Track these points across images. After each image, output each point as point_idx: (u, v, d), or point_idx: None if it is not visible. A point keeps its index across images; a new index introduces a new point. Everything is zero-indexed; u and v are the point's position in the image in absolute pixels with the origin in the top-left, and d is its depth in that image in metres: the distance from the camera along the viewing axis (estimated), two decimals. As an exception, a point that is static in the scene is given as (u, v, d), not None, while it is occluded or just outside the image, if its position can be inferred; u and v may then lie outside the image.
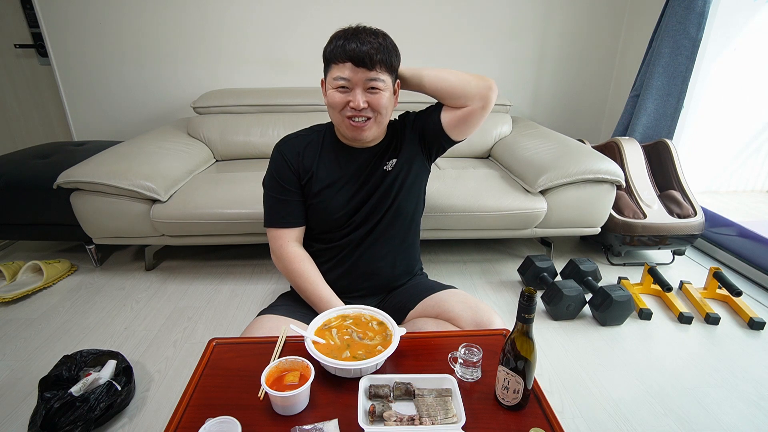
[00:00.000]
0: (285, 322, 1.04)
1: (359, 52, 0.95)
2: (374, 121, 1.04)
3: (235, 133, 2.33)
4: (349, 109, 1.01)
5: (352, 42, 0.96)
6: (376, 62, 0.97)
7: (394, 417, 0.73)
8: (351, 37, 0.97)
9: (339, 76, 0.98)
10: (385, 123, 1.09)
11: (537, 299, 0.78)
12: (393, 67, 1.02)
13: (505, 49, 2.75)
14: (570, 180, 1.86)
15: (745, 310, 1.72)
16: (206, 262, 2.13)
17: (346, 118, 1.02)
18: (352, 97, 0.99)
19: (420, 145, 1.17)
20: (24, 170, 1.96)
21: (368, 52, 0.95)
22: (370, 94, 1.00)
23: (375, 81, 0.98)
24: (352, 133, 1.05)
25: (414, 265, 1.28)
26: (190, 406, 0.78)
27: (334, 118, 1.07)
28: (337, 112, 1.03)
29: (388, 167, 1.13)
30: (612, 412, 1.28)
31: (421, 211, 1.26)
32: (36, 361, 1.47)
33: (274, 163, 1.14)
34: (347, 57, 0.96)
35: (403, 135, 1.16)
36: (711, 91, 2.39)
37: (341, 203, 1.12)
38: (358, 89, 0.99)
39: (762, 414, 1.28)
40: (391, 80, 1.04)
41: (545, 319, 1.72)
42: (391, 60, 1.00)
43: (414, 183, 1.17)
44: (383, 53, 0.97)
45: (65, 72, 2.63)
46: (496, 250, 2.27)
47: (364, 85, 0.99)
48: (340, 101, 1.00)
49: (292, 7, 2.55)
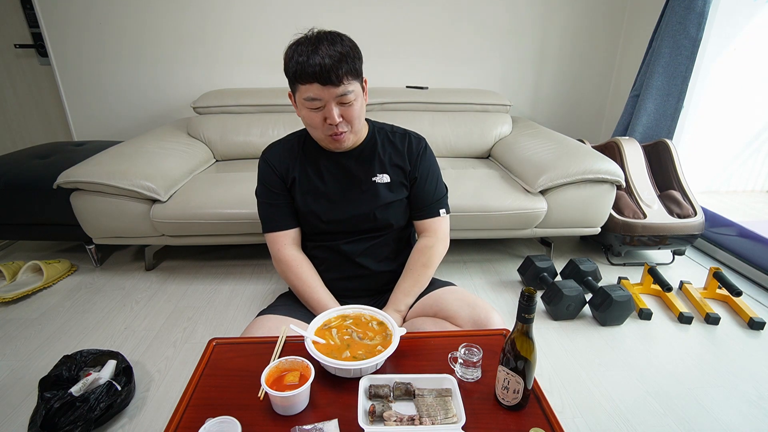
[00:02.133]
0: (285, 322, 1.04)
1: (323, 71, 0.92)
2: (350, 132, 1.04)
3: (235, 133, 2.33)
4: (328, 127, 1.01)
5: (313, 57, 0.92)
6: (343, 75, 0.94)
7: (394, 417, 0.73)
8: (311, 52, 0.93)
9: (310, 97, 0.96)
10: (360, 130, 1.09)
11: (537, 299, 0.78)
12: (359, 73, 1.00)
13: (505, 49, 2.75)
14: (570, 180, 1.86)
15: (745, 310, 1.72)
16: (206, 262, 2.13)
17: (327, 135, 1.03)
18: (326, 113, 0.98)
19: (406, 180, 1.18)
20: (24, 170, 1.96)
21: (333, 68, 0.92)
22: (343, 106, 0.99)
23: (345, 96, 0.97)
24: (333, 146, 1.07)
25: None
26: (190, 406, 0.78)
27: (314, 135, 1.07)
28: (318, 131, 1.03)
29: (378, 179, 1.13)
30: (612, 412, 1.28)
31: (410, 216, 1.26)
32: (36, 361, 1.47)
33: (260, 171, 1.16)
34: (313, 78, 0.93)
35: (403, 158, 1.15)
36: (711, 91, 2.39)
37: (325, 209, 1.12)
38: (331, 104, 0.97)
39: (762, 414, 1.28)
40: (359, 84, 1.01)
41: (545, 319, 1.72)
42: (355, 66, 0.98)
43: (403, 200, 1.17)
44: (347, 62, 0.94)
45: (65, 72, 2.63)
46: (496, 250, 2.27)
47: (335, 100, 0.97)
48: (318, 121, 1.00)
49: (292, 7, 2.55)
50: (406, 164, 1.15)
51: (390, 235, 1.18)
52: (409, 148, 1.16)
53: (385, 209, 1.13)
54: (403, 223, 1.20)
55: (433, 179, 1.18)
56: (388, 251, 1.19)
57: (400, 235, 1.21)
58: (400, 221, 1.18)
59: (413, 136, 1.19)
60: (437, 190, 1.18)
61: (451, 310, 1.07)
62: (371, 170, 1.13)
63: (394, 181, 1.14)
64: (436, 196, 1.18)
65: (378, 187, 1.13)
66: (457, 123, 2.43)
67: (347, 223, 1.13)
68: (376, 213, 1.12)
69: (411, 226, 1.25)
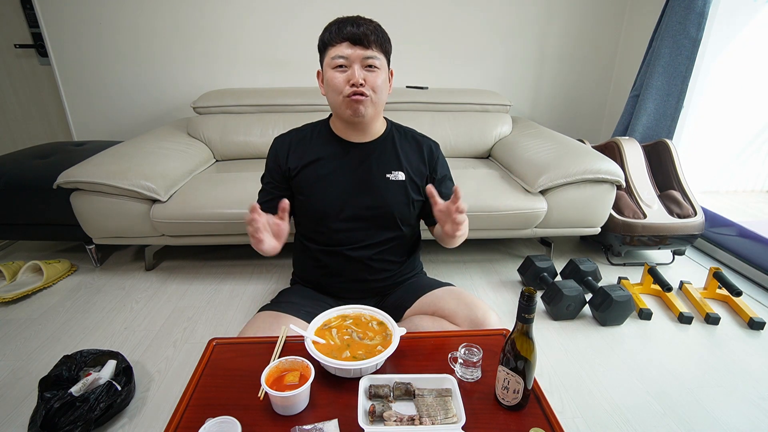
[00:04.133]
0: (286, 318, 1.04)
1: (356, 32, 1.00)
2: (371, 100, 1.04)
3: (235, 133, 2.33)
4: (349, 87, 1.02)
5: (347, 25, 1.01)
6: (372, 42, 1.01)
7: (394, 417, 0.73)
8: (346, 21, 1.02)
9: (337, 55, 1.01)
10: (380, 104, 1.09)
11: (537, 299, 0.78)
12: (387, 51, 1.06)
13: (505, 49, 2.75)
14: (570, 180, 1.86)
15: (745, 310, 1.72)
16: (206, 262, 2.13)
17: (346, 96, 1.03)
18: (350, 75, 1.01)
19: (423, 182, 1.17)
20: (24, 170, 1.96)
21: (364, 32, 1.00)
22: (368, 71, 1.02)
23: (372, 59, 1.02)
24: (351, 109, 1.04)
25: (413, 266, 1.29)
26: (190, 406, 0.78)
27: (333, 101, 1.07)
28: (338, 93, 1.03)
29: (392, 176, 1.13)
30: (612, 412, 1.28)
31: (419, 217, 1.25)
32: (36, 361, 1.47)
33: (268, 156, 1.18)
34: (344, 37, 1.00)
35: (423, 160, 1.16)
36: (711, 91, 2.39)
37: (334, 196, 1.11)
38: (356, 65, 1.01)
39: (762, 414, 1.28)
40: (386, 63, 1.07)
41: (545, 319, 1.72)
42: (385, 44, 1.05)
43: (413, 201, 1.16)
44: (377, 35, 1.02)
45: (65, 72, 2.63)
46: (496, 250, 2.27)
47: (361, 62, 1.01)
48: (341, 80, 1.02)
49: (292, 7, 2.55)
50: (424, 167, 1.16)
51: (397, 240, 1.17)
52: (428, 152, 1.18)
53: (395, 207, 1.13)
54: (412, 228, 1.20)
55: (449, 183, 1.20)
56: (394, 257, 1.19)
57: (406, 242, 1.21)
58: (409, 221, 1.18)
59: (431, 141, 1.22)
60: (452, 189, 1.17)
61: (449, 309, 1.07)
62: (386, 166, 1.13)
63: (409, 180, 1.14)
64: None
65: (391, 184, 1.12)
66: (457, 123, 2.43)
67: (354, 218, 1.12)
68: (385, 209, 1.12)
69: (418, 231, 1.25)
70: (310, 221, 1.16)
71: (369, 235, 1.14)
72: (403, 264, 1.22)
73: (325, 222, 1.13)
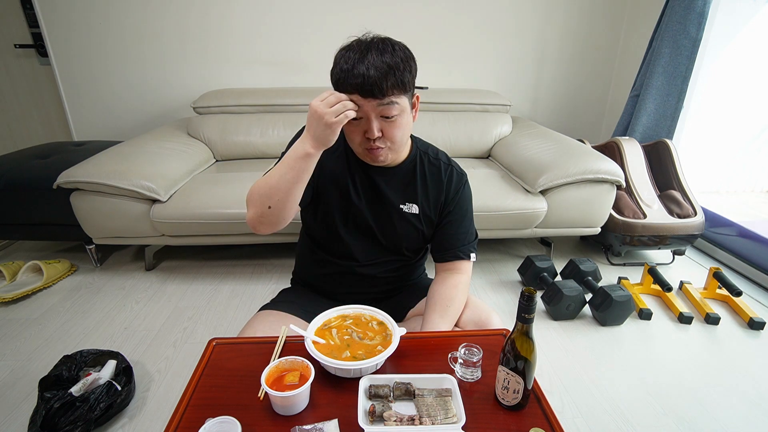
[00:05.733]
0: (286, 318, 1.04)
1: (366, 83, 0.85)
2: (388, 150, 0.97)
3: (235, 133, 2.33)
4: (365, 140, 0.94)
5: (358, 67, 0.86)
6: (387, 89, 0.87)
7: (394, 417, 0.73)
8: (357, 61, 0.86)
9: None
10: (401, 149, 1.02)
11: (537, 299, 0.78)
12: (407, 86, 0.92)
13: (505, 49, 2.75)
14: (570, 180, 1.85)
15: (745, 310, 1.72)
16: (206, 262, 2.13)
17: (364, 149, 0.96)
18: (366, 126, 0.92)
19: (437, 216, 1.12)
20: (24, 170, 1.96)
21: (376, 80, 0.85)
22: (385, 121, 0.92)
23: (388, 107, 0.89)
24: (369, 158, 1.00)
25: (417, 272, 1.29)
26: (190, 406, 0.78)
27: (351, 145, 1.01)
28: (355, 144, 0.97)
29: (406, 208, 1.08)
30: (612, 412, 1.28)
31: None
32: (36, 361, 1.47)
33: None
34: (354, 88, 0.87)
35: (440, 189, 1.09)
36: (711, 91, 2.39)
37: (346, 212, 1.08)
38: (371, 118, 0.90)
39: (762, 414, 1.28)
40: (407, 99, 0.94)
41: (545, 319, 1.72)
42: (404, 80, 0.89)
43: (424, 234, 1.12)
44: (393, 75, 0.87)
45: (65, 72, 2.63)
46: (496, 250, 2.27)
47: (377, 112, 0.90)
48: (356, 134, 0.94)
49: (293, 7, 2.55)
50: (441, 196, 1.09)
51: (403, 262, 1.17)
52: (449, 180, 1.10)
53: (404, 240, 1.11)
54: (419, 254, 1.19)
55: (468, 222, 1.13)
56: (400, 272, 1.19)
57: (413, 261, 1.21)
58: (416, 252, 1.17)
59: (456, 169, 1.12)
60: (469, 233, 1.13)
61: None
62: (401, 196, 1.07)
63: (424, 214, 1.09)
64: (469, 238, 1.12)
65: (403, 216, 1.08)
66: (457, 123, 2.43)
67: (360, 237, 1.10)
68: (392, 241, 1.10)
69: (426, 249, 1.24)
70: (320, 227, 1.13)
71: (375, 256, 1.13)
72: (406, 276, 1.23)
73: (333, 232, 1.11)
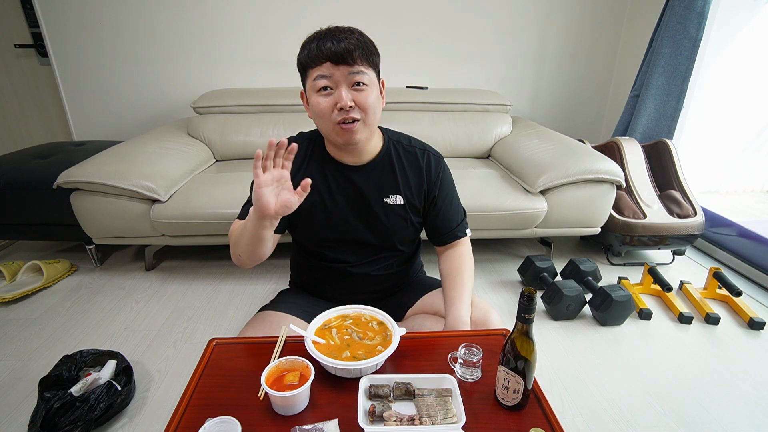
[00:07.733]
0: (285, 318, 1.04)
1: (337, 49, 0.88)
2: (363, 123, 0.94)
3: (235, 133, 2.33)
4: (338, 113, 0.91)
5: (327, 41, 0.89)
6: (357, 57, 0.90)
7: (394, 417, 0.73)
8: (324, 37, 0.90)
9: (319, 76, 0.90)
10: (374, 124, 0.99)
11: (537, 299, 0.78)
12: (375, 63, 0.95)
13: (505, 49, 2.75)
14: (570, 180, 1.86)
15: (745, 310, 1.72)
16: (206, 262, 2.13)
17: (336, 124, 0.93)
18: (337, 97, 0.90)
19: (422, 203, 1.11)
20: (24, 170, 1.96)
21: (346, 48, 0.88)
22: (356, 91, 0.92)
23: (359, 75, 0.90)
24: (343, 138, 0.95)
25: (414, 269, 1.28)
26: (190, 406, 0.78)
27: (322, 128, 0.98)
28: (326, 119, 0.94)
29: (390, 201, 1.06)
30: (612, 412, 1.28)
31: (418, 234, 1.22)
32: (36, 361, 1.47)
33: None
34: (325, 56, 0.89)
35: (421, 177, 1.08)
36: (711, 91, 2.39)
37: (331, 224, 1.06)
38: (342, 87, 0.90)
39: (762, 414, 1.28)
40: (376, 76, 0.96)
41: (545, 319, 1.72)
42: (371, 56, 0.93)
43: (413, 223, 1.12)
44: (362, 49, 0.91)
45: (65, 72, 2.63)
46: (496, 250, 2.27)
47: (348, 82, 0.91)
48: (327, 106, 0.92)
49: (293, 7, 2.55)
50: (423, 182, 1.08)
51: (396, 257, 1.16)
52: (427, 165, 1.08)
53: (395, 234, 1.09)
54: (413, 246, 1.18)
55: (456, 202, 1.13)
56: (394, 269, 1.18)
57: (407, 255, 1.20)
58: (409, 244, 1.16)
59: (432, 153, 1.11)
60: (459, 212, 1.14)
61: None
62: (383, 189, 1.06)
63: (408, 203, 1.08)
64: (459, 219, 1.14)
65: (389, 209, 1.06)
66: (457, 123, 2.43)
67: (353, 242, 1.09)
68: (383, 235, 1.09)
69: (418, 240, 1.24)
70: (307, 240, 1.13)
71: (368, 255, 1.12)
72: (403, 271, 1.22)
73: (321, 246, 1.11)
